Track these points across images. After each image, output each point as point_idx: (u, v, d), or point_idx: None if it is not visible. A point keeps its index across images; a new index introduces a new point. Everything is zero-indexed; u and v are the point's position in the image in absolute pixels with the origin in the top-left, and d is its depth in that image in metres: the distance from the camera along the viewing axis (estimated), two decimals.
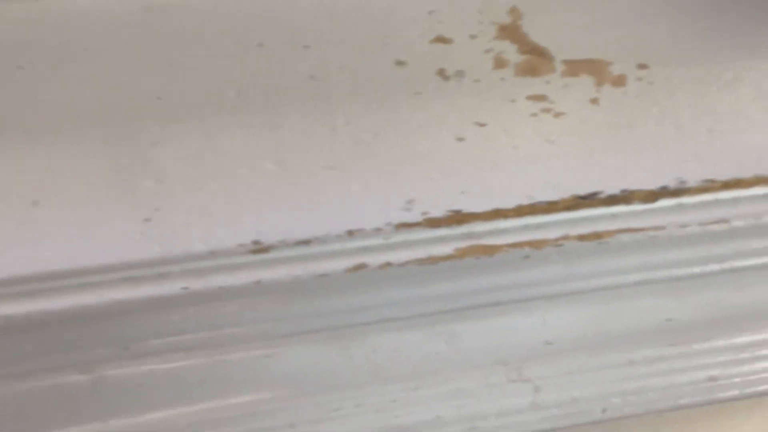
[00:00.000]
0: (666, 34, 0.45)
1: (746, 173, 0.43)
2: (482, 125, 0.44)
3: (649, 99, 0.44)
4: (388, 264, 0.42)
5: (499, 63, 0.45)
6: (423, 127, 0.43)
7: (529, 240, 0.43)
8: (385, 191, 0.42)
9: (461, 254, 0.42)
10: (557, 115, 0.44)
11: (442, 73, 0.44)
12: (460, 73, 0.44)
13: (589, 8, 0.46)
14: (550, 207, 0.43)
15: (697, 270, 0.47)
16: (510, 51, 0.45)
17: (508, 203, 0.43)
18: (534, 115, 0.44)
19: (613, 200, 0.43)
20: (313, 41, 0.43)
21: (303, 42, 0.43)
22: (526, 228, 0.43)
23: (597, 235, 0.43)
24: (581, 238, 0.43)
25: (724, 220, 0.44)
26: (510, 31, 0.46)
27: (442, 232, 0.42)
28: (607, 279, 0.46)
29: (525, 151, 0.44)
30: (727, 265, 0.48)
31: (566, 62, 0.45)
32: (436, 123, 0.44)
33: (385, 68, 0.43)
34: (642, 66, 0.45)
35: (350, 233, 0.42)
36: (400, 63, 0.44)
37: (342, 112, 0.43)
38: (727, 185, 0.43)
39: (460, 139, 0.43)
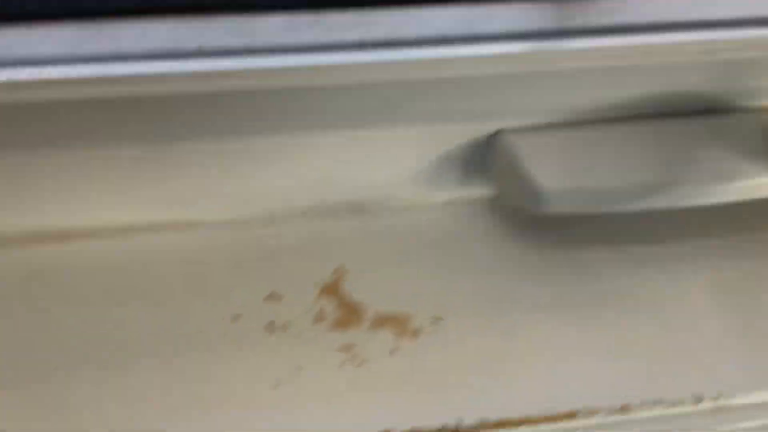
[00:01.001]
0: (461, 289, 0.52)
1: (515, 413, 0.47)
2: (297, 373, 0.50)
3: (439, 348, 0.50)
4: None
5: (319, 318, 0.52)
6: (244, 376, 0.50)
7: None
8: None
9: None
10: (360, 363, 0.50)
11: (270, 326, 0.52)
12: (284, 327, 0.52)
13: (403, 265, 0.54)
14: None
15: None
16: (329, 307, 0.52)
17: None
18: (342, 363, 0.50)
19: None
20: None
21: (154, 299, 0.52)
22: None
23: None
24: None
25: None
26: (332, 290, 0.53)
27: None
28: None
29: (331, 398, 0.49)
30: None
31: (374, 316, 0.52)
32: (256, 371, 0.50)
33: (221, 323, 0.52)
34: (436, 318, 0.51)
35: None
36: (235, 317, 0.52)
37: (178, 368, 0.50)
38: (499, 424, 0.47)
39: (276, 386, 0.50)
